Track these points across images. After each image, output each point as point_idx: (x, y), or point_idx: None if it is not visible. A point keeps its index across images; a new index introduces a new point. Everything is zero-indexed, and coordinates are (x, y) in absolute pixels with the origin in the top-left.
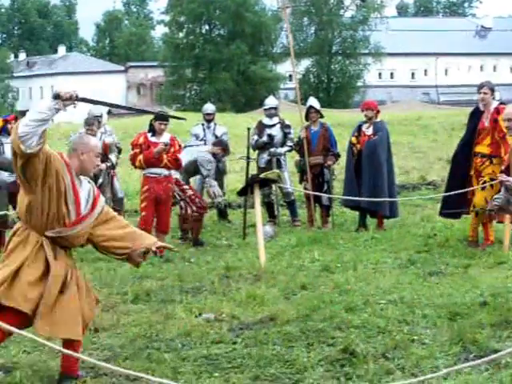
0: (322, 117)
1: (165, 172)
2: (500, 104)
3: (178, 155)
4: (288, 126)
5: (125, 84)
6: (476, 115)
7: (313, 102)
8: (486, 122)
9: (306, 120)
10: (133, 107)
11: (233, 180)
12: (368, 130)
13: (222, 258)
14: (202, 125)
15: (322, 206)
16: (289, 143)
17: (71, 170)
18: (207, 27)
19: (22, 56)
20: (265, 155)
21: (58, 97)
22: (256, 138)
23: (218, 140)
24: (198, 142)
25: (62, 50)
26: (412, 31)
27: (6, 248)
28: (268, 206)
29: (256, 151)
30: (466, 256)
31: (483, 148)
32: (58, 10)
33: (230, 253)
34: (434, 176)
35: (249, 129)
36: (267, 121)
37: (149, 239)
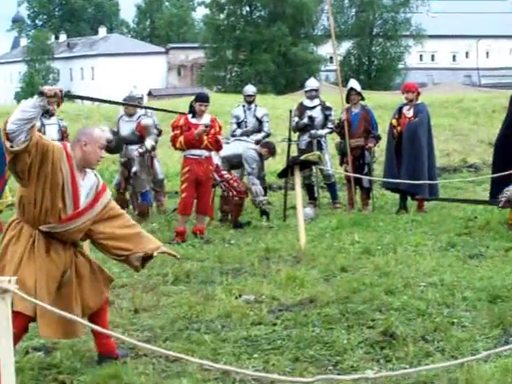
0: (362, 99)
1: (205, 153)
2: None
3: (219, 136)
4: (329, 108)
5: (165, 65)
6: None
7: (354, 84)
8: None
9: (347, 102)
10: (112, 100)
11: (273, 162)
12: (409, 112)
13: (262, 240)
14: (243, 106)
15: (362, 188)
16: (329, 125)
17: (72, 162)
18: (248, 8)
19: (63, 37)
20: (305, 137)
21: (42, 94)
22: (297, 119)
23: (266, 142)
24: (247, 139)
25: (102, 31)
26: (453, 13)
27: (2, 240)
28: (308, 187)
29: (297, 133)
30: (506, 239)
31: None
32: None
33: (270, 234)
34: (475, 159)
35: (290, 111)
36: (308, 103)
37: (153, 244)
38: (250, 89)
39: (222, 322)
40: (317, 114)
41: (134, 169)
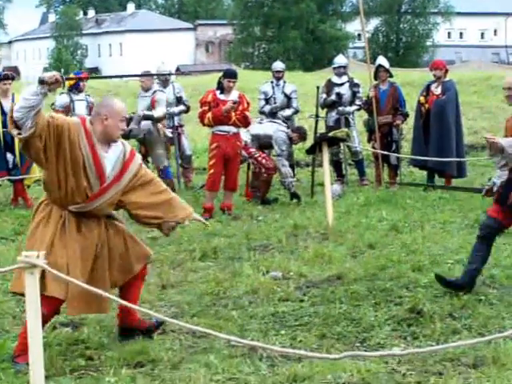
0: (391, 76)
1: (233, 130)
2: None
3: (247, 113)
4: (357, 85)
5: (193, 42)
6: None
7: (382, 60)
8: None
9: (375, 79)
10: (115, 75)
11: None
12: (436, 90)
13: (290, 217)
14: (271, 82)
15: (389, 165)
16: (357, 102)
17: (91, 137)
18: None
19: (91, 13)
20: (333, 114)
21: (43, 82)
22: (325, 96)
23: (298, 127)
24: (279, 121)
25: (130, 7)
26: None
27: (32, 221)
28: (336, 164)
29: (325, 110)
30: None
31: None
32: None
33: (298, 211)
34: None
35: (318, 87)
36: (336, 79)
37: (184, 210)
38: (278, 65)
39: (250, 298)
40: (345, 90)
41: (130, 126)
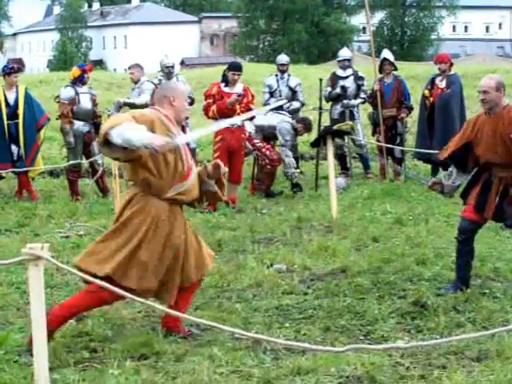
0: (395, 69)
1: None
2: None
3: (251, 106)
4: (361, 78)
5: (198, 35)
6: None
7: (387, 54)
8: None
9: (380, 72)
10: None
11: None
12: (441, 83)
13: (294, 210)
14: (276, 75)
15: (394, 158)
16: (362, 95)
17: (173, 121)
18: None
19: (96, 5)
20: (338, 107)
21: (154, 150)
22: (329, 89)
23: (302, 117)
24: (283, 112)
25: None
26: None
27: (119, 214)
28: (340, 157)
29: (329, 103)
30: None
31: None
32: None
33: (302, 204)
34: None
35: (321, 80)
36: (341, 72)
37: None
38: (283, 58)
39: (254, 291)
40: (349, 83)
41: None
